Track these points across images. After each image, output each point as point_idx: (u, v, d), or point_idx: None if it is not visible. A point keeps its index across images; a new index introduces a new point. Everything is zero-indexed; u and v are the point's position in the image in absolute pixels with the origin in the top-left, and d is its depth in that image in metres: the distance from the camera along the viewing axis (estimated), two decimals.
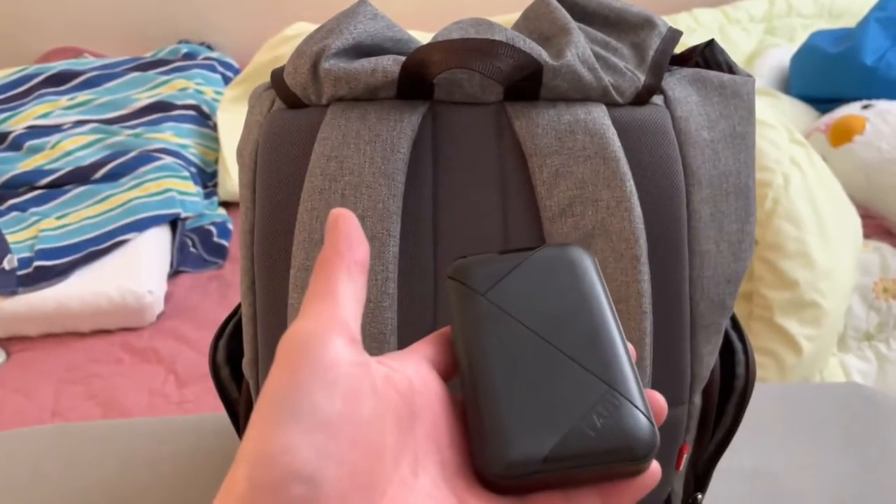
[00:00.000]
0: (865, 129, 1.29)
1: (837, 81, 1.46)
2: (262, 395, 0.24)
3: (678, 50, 0.51)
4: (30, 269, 1.22)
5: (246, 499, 0.22)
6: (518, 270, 0.30)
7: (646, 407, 0.26)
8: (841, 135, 1.30)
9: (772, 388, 0.81)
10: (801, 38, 1.69)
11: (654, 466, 0.26)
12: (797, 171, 1.09)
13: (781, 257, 1.03)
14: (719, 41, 1.83)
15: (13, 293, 1.19)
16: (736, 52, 1.77)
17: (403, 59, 0.44)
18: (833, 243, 1.06)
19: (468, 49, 0.42)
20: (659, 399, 0.27)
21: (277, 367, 0.24)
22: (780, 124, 1.14)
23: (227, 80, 1.75)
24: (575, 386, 0.26)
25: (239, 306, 0.55)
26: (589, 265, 0.30)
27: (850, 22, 1.70)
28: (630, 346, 0.28)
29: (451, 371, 0.29)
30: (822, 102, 1.49)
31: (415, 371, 0.27)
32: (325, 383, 0.23)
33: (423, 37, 1.72)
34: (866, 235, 1.20)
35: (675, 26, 1.60)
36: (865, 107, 1.35)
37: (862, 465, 0.68)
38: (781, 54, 1.68)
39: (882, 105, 1.34)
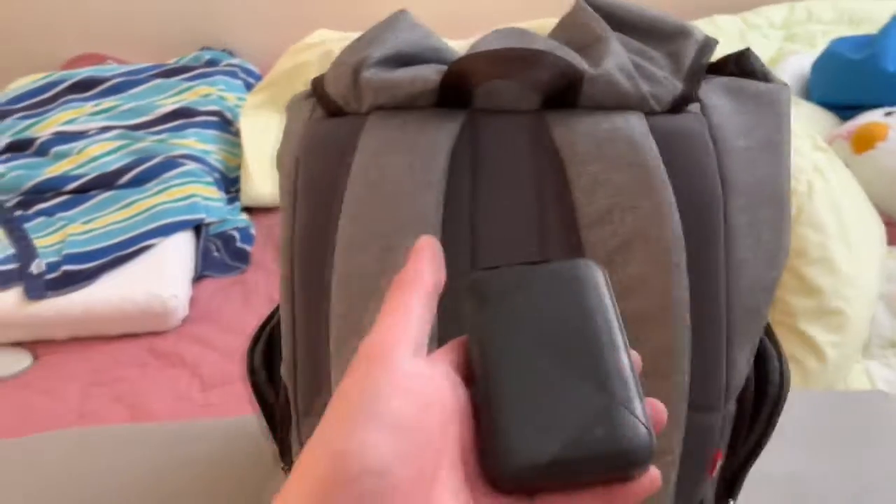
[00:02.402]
0: (888, 136, 1.28)
1: (859, 88, 1.45)
2: (337, 398, 0.26)
3: (713, 58, 0.51)
4: (57, 274, 1.23)
5: (321, 491, 0.23)
6: (530, 283, 0.31)
7: (645, 416, 0.28)
8: (863, 142, 1.30)
9: (796, 395, 0.81)
10: (821, 45, 1.68)
11: (653, 472, 0.28)
12: (820, 178, 1.09)
13: (805, 264, 1.03)
14: (739, 47, 1.82)
15: (41, 297, 1.21)
16: None
17: (443, 67, 0.44)
18: (857, 250, 1.06)
19: (513, 58, 0.43)
20: (659, 408, 0.29)
21: (354, 372, 0.26)
22: (802, 131, 1.14)
23: (248, 87, 1.76)
24: (578, 395, 0.28)
25: (272, 313, 0.56)
26: (599, 278, 0.32)
27: (870, 28, 1.69)
28: (636, 355, 0.30)
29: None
30: (844, 109, 1.49)
31: (445, 375, 0.29)
32: (402, 390, 0.25)
33: (453, 45, 1.71)
34: (890, 243, 1.19)
35: None
36: (888, 114, 1.35)
37: (886, 473, 0.68)
38: (801, 61, 1.67)
39: None
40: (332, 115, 0.47)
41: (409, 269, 0.30)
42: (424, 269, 0.30)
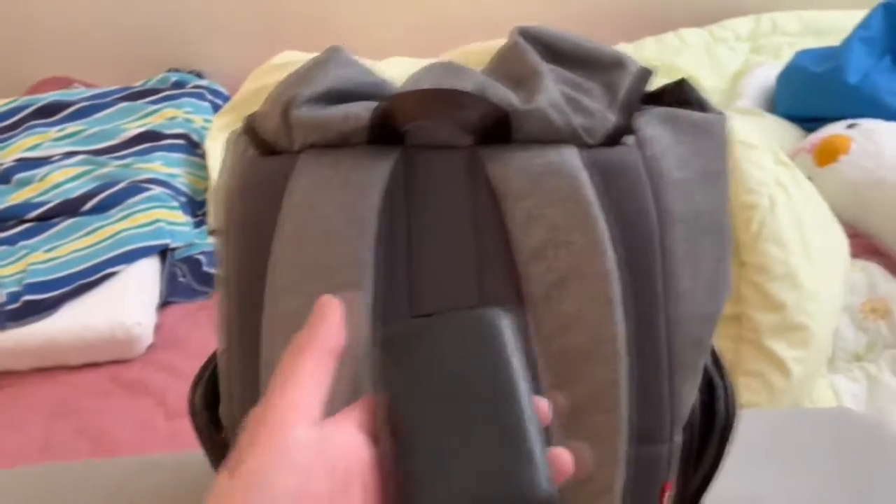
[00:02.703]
0: (851, 149, 1.30)
1: (822, 101, 1.47)
2: (224, 470, 0.26)
3: (654, 86, 0.51)
4: (18, 304, 1.22)
5: None
6: (438, 336, 0.32)
7: (544, 467, 0.29)
8: (826, 154, 1.31)
9: (761, 415, 0.81)
10: (786, 56, 1.70)
11: None
12: (782, 192, 1.09)
13: (768, 280, 1.03)
14: (706, 60, 1.85)
15: (2, 329, 1.19)
16: (722, 71, 1.78)
17: (374, 105, 0.44)
18: (820, 264, 1.06)
19: (436, 99, 0.43)
20: (563, 457, 0.30)
21: (242, 444, 0.27)
22: (764, 146, 1.14)
23: (217, 108, 1.75)
24: (481, 449, 0.29)
25: (216, 351, 0.55)
26: (505, 328, 0.32)
27: (836, 40, 1.71)
28: (544, 403, 0.31)
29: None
30: (808, 122, 1.50)
31: (348, 437, 0.29)
32: (286, 464, 0.26)
33: (407, 62, 1.70)
34: (854, 255, 1.20)
35: (661, 47, 1.60)
36: (850, 126, 1.36)
37: (852, 492, 0.68)
38: (767, 73, 1.69)
39: (867, 124, 1.35)
40: (266, 153, 0.47)
41: (304, 333, 0.30)
42: (322, 332, 0.30)
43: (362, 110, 0.44)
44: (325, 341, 0.30)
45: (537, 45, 0.50)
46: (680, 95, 0.51)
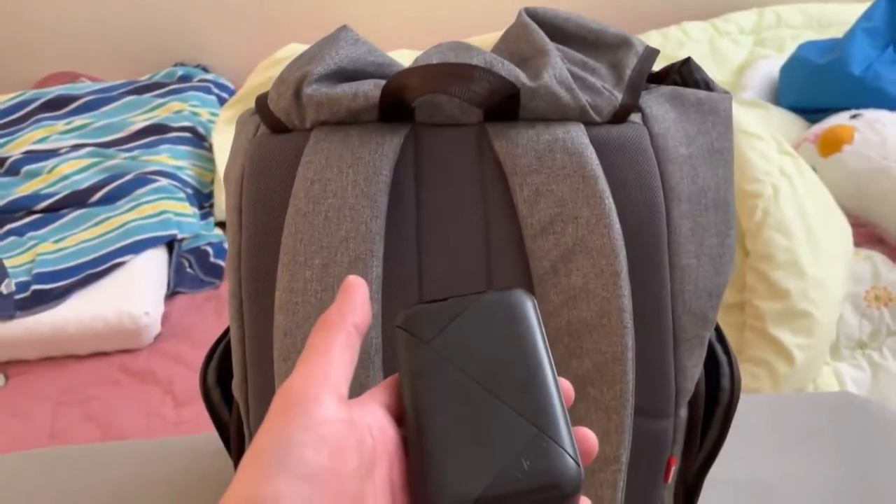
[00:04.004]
0: (854, 139, 1.30)
1: (826, 92, 1.47)
2: (254, 444, 0.26)
3: (656, 67, 0.52)
4: (27, 293, 1.23)
5: None
6: (461, 317, 0.32)
7: (573, 447, 0.28)
8: (830, 145, 1.32)
9: (764, 399, 0.82)
10: (790, 49, 1.71)
11: (583, 502, 0.29)
12: (786, 181, 1.10)
13: (772, 267, 1.04)
14: (709, 54, 1.85)
15: (11, 317, 1.20)
16: (726, 64, 1.79)
17: (384, 83, 0.45)
18: (824, 253, 1.07)
19: (445, 74, 0.43)
20: (589, 437, 0.30)
21: (271, 418, 0.26)
22: (768, 135, 1.15)
23: (222, 102, 1.76)
24: (507, 430, 0.29)
25: (227, 329, 0.56)
26: (529, 309, 0.32)
27: (839, 32, 1.71)
28: (567, 384, 0.31)
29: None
30: (812, 113, 1.50)
31: (373, 418, 0.29)
32: (315, 439, 0.26)
33: (411, 54, 1.72)
34: (857, 244, 1.20)
35: (665, 40, 1.60)
36: (854, 116, 1.36)
37: (854, 475, 0.69)
38: (771, 65, 1.69)
39: (870, 114, 1.35)
40: (277, 132, 0.47)
41: (334, 310, 0.30)
42: (349, 310, 0.30)
43: (372, 88, 0.45)
44: (352, 319, 0.30)
45: (544, 26, 0.50)
46: (685, 75, 0.51)
